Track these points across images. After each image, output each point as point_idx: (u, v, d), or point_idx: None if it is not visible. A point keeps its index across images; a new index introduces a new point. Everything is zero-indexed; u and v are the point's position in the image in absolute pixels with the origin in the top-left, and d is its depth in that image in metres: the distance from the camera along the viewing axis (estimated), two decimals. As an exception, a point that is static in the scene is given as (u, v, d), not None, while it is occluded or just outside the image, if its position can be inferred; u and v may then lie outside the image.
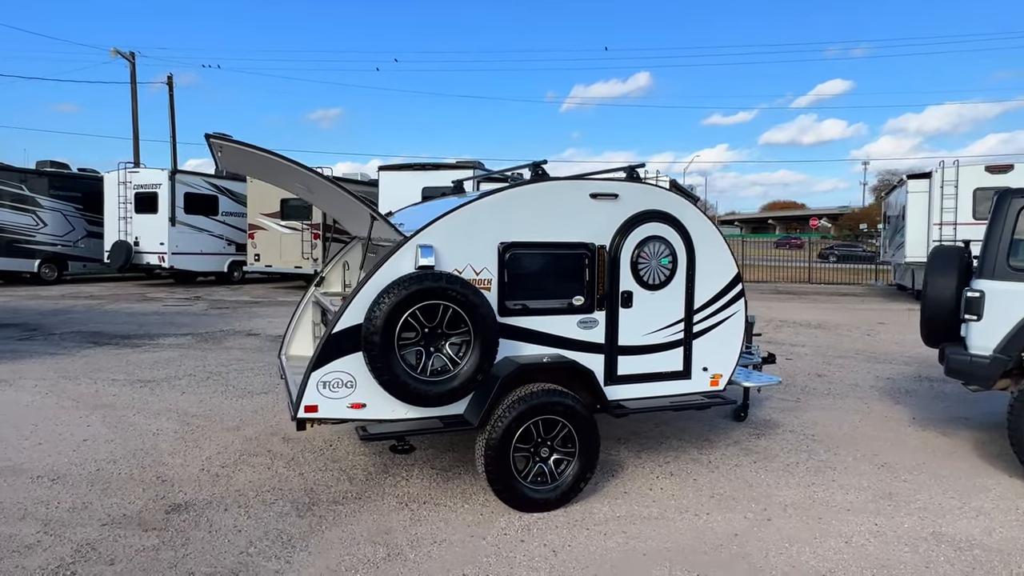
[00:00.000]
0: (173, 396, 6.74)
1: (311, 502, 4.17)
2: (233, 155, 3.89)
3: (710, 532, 3.85)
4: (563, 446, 4.10)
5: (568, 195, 4.30)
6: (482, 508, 4.10)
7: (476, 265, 4.08)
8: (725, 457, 5.12)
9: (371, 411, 3.91)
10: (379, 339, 3.64)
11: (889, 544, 3.74)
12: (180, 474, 4.63)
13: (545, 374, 4.15)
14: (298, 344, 5.66)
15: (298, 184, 4.61)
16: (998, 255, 4.82)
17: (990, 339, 4.82)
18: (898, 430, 5.93)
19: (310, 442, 5.31)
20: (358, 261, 5.68)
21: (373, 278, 3.82)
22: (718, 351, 4.80)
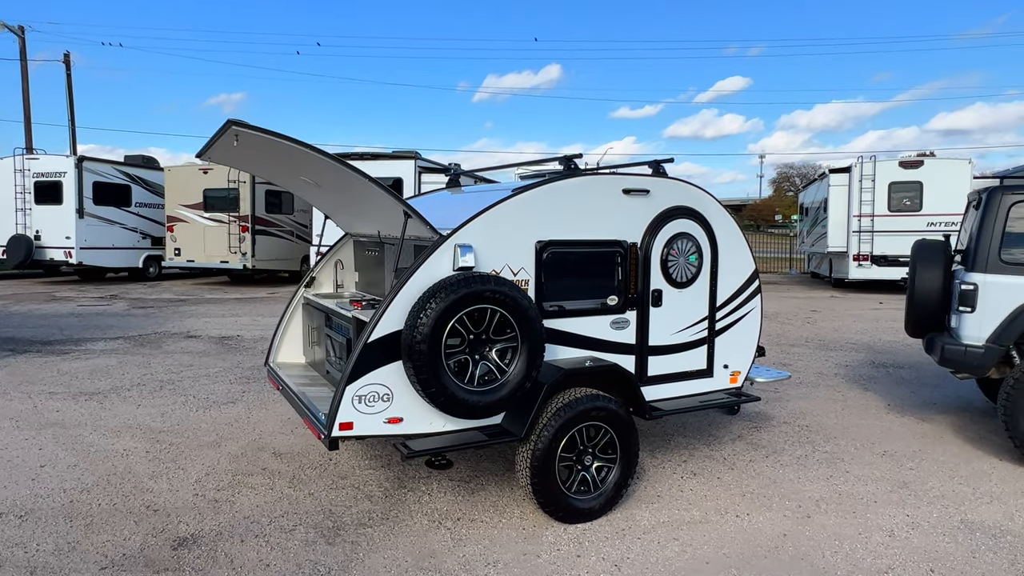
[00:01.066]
0: (128, 410, 6.08)
1: (335, 526, 3.82)
2: (247, 146, 3.45)
3: (759, 534, 3.81)
4: (604, 452, 3.94)
5: (602, 190, 4.12)
6: (521, 522, 3.89)
7: (513, 265, 3.84)
8: (736, 453, 5.13)
9: (408, 425, 3.61)
10: (427, 347, 3.34)
11: (928, 535, 3.81)
12: (172, 501, 4.14)
13: (585, 378, 3.97)
14: (287, 351, 5.21)
15: (304, 179, 4.19)
16: (990, 249, 5.04)
17: (983, 330, 5.04)
18: (880, 417, 6.15)
19: (306, 456, 4.91)
20: (352, 260, 5.29)
21: (411, 280, 3.51)
22: (738, 348, 4.78)
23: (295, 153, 3.42)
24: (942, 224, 16.31)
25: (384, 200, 3.68)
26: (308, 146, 3.28)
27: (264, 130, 3.17)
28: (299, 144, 3.26)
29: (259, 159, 3.98)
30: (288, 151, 3.40)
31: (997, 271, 5.00)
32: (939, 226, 16.32)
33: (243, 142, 3.35)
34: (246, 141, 3.34)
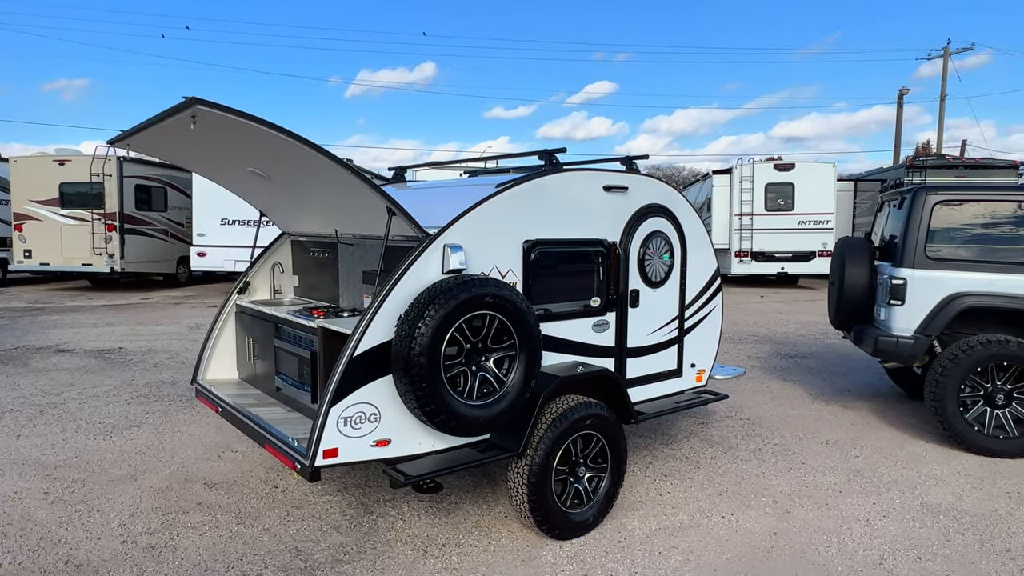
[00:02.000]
0: (6, 441, 5.14)
1: (308, 566, 3.36)
2: (207, 129, 2.91)
3: (750, 534, 3.78)
4: (595, 462, 3.76)
5: (585, 187, 3.93)
6: (512, 543, 3.62)
7: (502, 266, 3.56)
8: (696, 451, 5.13)
9: (397, 447, 3.23)
10: (426, 360, 2.99)
11: (900, 522, 3.96)
12: (96, 553, 3.47)
13: (578, 385, 3.77)
14: (218, 366, 4.59)
15: (254, 170, 3.64)
16: (917, 246, 5.38)
17: (912, 321, 5.37)
18: (808, 407, 6.44)
19: (245, 485, 4.34)
20: (290, 263, 4.75)
21: (399, 286, 3.14)
22: (703, 346, 4.78)
23: (264, 139, 2.94)
24: (812, 222, 17.71)
25: (362, 195, 3.26)
26: (287, 132, 2.81)
27: (235, 111, 2.68)
28: (276, 129, 2.79)
29: (206, 146, 3.41)
30: (258, 136, 2.91)
31: (923, 266, 5.35)
32: (809, 224, 17.70)
33: (203, 124, 2.82)
34: (208, 122, 2.81)
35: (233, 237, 14.51)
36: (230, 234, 14.51)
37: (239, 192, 4.45)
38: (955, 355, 5.14)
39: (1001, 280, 5.18)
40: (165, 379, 7.20)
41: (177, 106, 2.75)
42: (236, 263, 14.59)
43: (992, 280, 5.21)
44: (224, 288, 16.77)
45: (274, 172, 3.60)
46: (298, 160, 3.16)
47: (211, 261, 14.65)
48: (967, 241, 5.32)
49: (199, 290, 16.30)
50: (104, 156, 14.76)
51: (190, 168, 4.21)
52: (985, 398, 5.12)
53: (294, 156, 3.10)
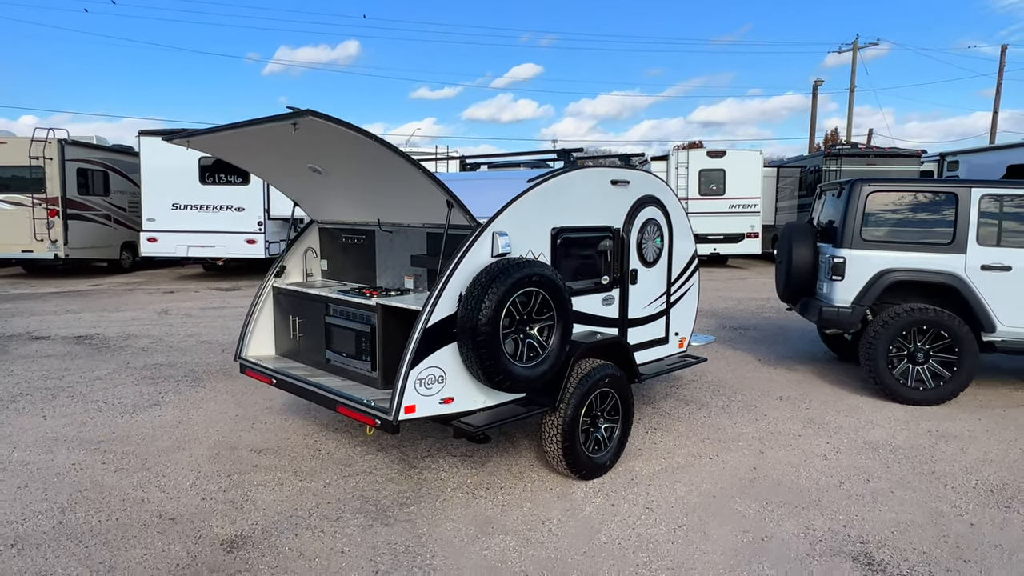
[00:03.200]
0: (34, 422, 5.37)
1: (379, 510, 3.91)
2: (310, 134, 3.35)
3: (736, 469, 4.58)
4: (610, 414, 4.45)
5: (597, 181, 4.58)
6: (545, 484, 4.27)
7: (535, 250, 4.17)
8: (675, 408, 5.93)
9: (459, 404, 3.82)
10: (490, 329, 3.58)
11: (850, 455, 4.86)
12: (183, 509, 3.90)
13: (598, 351, 4.44)
14: (257, 343, 5.00)
15: (313, 166, 4.09)
16: (854, 229, 6.32)
17: (849, 294, 6.33)
18: (760, 370, 7.38)
19: (288, 451, 4.81)
20: (325, 248, 5.19)
21: (460, 268, 3.70)
22: (684, 317, 5.55)
23: (352, 144, 3.43)
24: (741, 206, 19.02)
25: (425, 189, 3.79)
26: (383, 141, 3.31)
27: (345, 123, 3.16)
28: (374, 139, 3.29)
29: (276, 147, 3.85)
30: (349, 142, 3.39)
31: (859, 247, 6.30)
32: (739, 207, 19.01)
33: (303, 130, 3.28)
34: (309, 129, 3.28)
35: (186, 222, 14.41)
36: (182, 219, 14.39)
37: (274, 182, 4.86)
38: (884, 321, 6.13)
39: (920, 258, 6.19)
40: (160, 362, 7.43)
41: (285, 115, 3.20)
42: (190, 248, 14.52)
43: (913, 258, 6.21)
44: (174, 274, 16.55)
45: (334, 168, 4.07)
46: (371, 160, 3.66)
47: (162, 247, 14.49)
48: (894, 225, 6.31)
49: (146, 276, 16.03)
50: (44, 139, 14.27)
51: (230, 160, 4.57)
52: (908, 357, 6.14)
53: (371, 157, 3.60)
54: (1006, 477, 4.49)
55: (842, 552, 3.50)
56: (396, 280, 4.68)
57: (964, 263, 6.07)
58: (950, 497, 4.18)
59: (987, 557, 3.47)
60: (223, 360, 7.50)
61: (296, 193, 4.90)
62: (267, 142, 3.82)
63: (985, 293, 6.03)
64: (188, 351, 7.97)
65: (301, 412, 5.62)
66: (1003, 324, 6.06)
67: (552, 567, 3.32)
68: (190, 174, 14.31)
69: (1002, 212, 6.08)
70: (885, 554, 3.48)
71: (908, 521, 3.85)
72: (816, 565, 3.37)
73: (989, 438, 5.25)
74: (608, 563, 3.36)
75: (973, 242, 6.07)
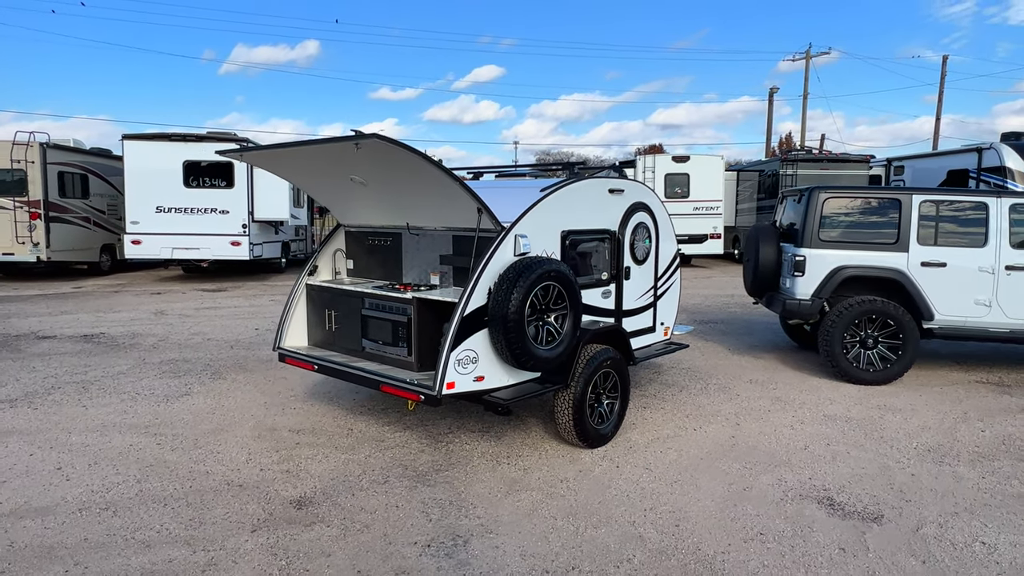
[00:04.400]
0: (77, 412, 5.81)
1: (419, 475, 4.53)
2: (368, 154, 3.95)
3: (717, 438, 5.32)
4: (611, 392, 5.15)
5: (598, 190, 5.28)
6: (557, 452, 4.94)
7: (549, 250, 4.84)
8: (659, 390, 6.67)
9: (488, 382, 4.46)
10: (517, 316, 4.24)
11: (812, 425, 5.66)
12: (247, 478, 4.46)
13: (601, 336, 5.13)
14: (293, 335, 5.55)
15: (355, 178, 4.69)
16: (813, 231, 7.16)
17: (809, 288, 7.17)
18: (731, 358, 8.19)
19: (323, 431, 5.37)
20: (351, 249, 5.76)
21: (489, 265, 4.35)
22: (668, 309, 6.29)
23: (404, 161, 4.04)
24: (704, 208, 20.01)
25: (459, 198, 4.42)
26: (435, 162, 3.94)
27: (406, 145, 3.78)
28: (427, 159, 3.92)
29: (327, 162, 4.44)
30: (402, 160, 4.01)
31: (818, 246, 7.15)
32: (702, 210, 20.00)
33: (364, 150, 3.88)
34: (370, 149, 3.88)
35: (170, 225, 14.66)
36: (167, 222, 14.65)
37: (309, 190, 5.42)
38: (840, 312, 6.98)
39: (869, 256, 7.06)
40: (175, 357, 7.86)
41: (350, 137, 3.80)
42: (174, 250, 14.78)
43: (863, 256, 7.08)
44: (155, 276, 16.73)
45: (375, 179, 4.67)
46: (414, 173, 4.28)
47: (147, 249, 14.71)
48: (847, 227, 7.17)
49: (127, 278, 16.19)
50: (26, 143, 14.37)
51: (274, 172, 5.12)
52: (860, 343, 7.01)
53: (415, 171, 4.22)
54: (940, 440, 5.34)
55: (809, 497, 4.26)
56: (422, 277, 5.30)
57: (907, 260, 6.96)
58: (895, 455, 4.99)
59: (924, 497, 4.27)
60: (235, 355, 7.98)
61: (328, 199, 5.48)
62: (321, 158, 4.40)
63: (924, 286, 6.93)
64: (198, 348, 8.41)
65: (325, 399, 6.18)
66: (940, 313, 6.96)
67: (575, 513, 3.99)
68: (174, 177, 14.58)
69: (938, 215, 6.99)
70: (844, 497, 4.25)
71: (861, 473, 4.64)
72: (789, 506, 4.12)
73: (928, 410, 6.12)
74: (620, 509, 4.05)
75: (914, 242, 6.97)
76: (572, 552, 3.55)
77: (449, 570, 3.36)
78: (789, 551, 3.59)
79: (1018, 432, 5.54)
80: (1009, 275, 6.85)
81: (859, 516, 4.00)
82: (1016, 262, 6.84)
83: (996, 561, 3.51)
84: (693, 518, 3.95)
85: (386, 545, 3.60)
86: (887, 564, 3.47)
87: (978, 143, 14.75)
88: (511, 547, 3.59)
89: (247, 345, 8.57)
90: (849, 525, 3.89)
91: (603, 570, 3.38)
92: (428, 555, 3.50)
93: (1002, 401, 6.44)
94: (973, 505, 4.17)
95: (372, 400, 6.10)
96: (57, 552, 3.48)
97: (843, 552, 3.58)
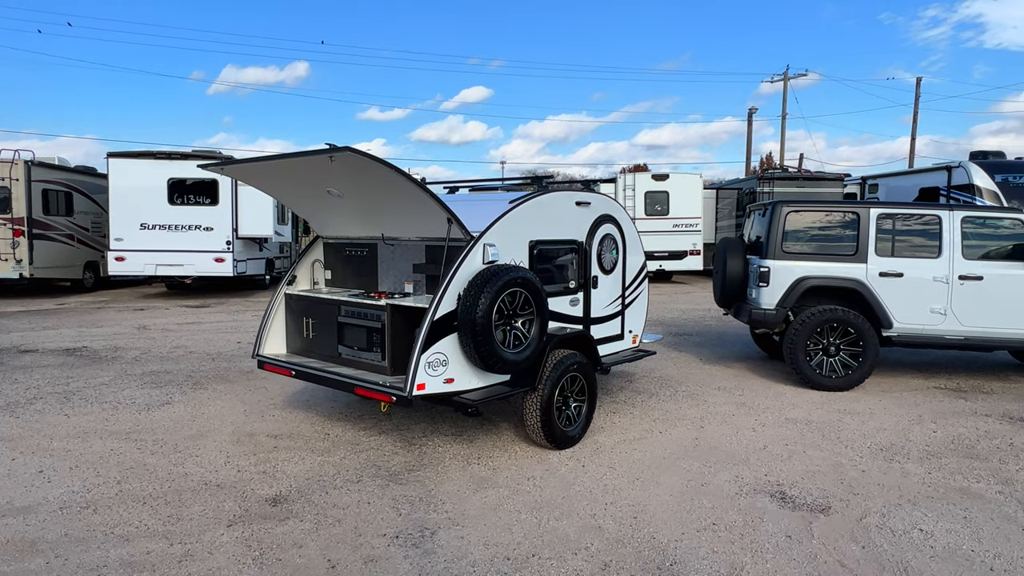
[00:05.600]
0: (58, 420, 5.93)
1: (391, 474, 4.70)
2: (343, 167, 4.17)
3: (681, 440, 5.54)
4: (579, 395, 5.36)
5: (565, 203, 5.53)
6: (525, 453, 5.13)
7: (517, 259, 5.07)
8: (630, 397, 6.89)
9: (458, 384, 4.66)
10: (485, 321, 4.45)
11: (773, 428, 5.89)
12: (225, 478, 4.61)
13: (568, 342, 5.35)
14: (272, 343, 5.73)
15: (332, 190, 4.91)
16: (777, 243, 7.46)
17: (774, 298, 7.45)
18: (702, 368, 8.44)
19: (299, 436, 5.53)
20: (329, 260, 5.96)
21: (458, 272, 4.57)
22: (636, 317, 6.53)
23: (377, 174, 4.27)
24: (684, 225, 20.39)
25: (430, 210, 4.65)
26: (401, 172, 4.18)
27: (377, 158, 4.01)
28: (397, 171, 4.15)
29: (305, 176, 4.65)
30: (375, 172, 4.24)
31: (781, 258, 7.44)
32: (682, 227, 20.37)
33: (338, 163, 4.11)
34: (343, 162, 4.11)
35: (154, 241, 14.78)
36: (151, 239, 14.76)
37: (289, 202, 5.62)
38: (803, 321, 7.26)
39: (831, 267, 7.36)
40: (156, 369, 7.99)
41: (324, 150, 4.03)
42: (158, 267, 14.89)
43: (824, 267, 7.37)
44: (138, 293, 16.78)
45: (350, 192, 4.89)
46: (386, 186, 4.51)
47: (131, 266, 14.81)
48: (809, 240, 7.47)
49: (110, 295, 16.24)
50: (11, 160, 14.49)
51: (255, 186, 5.33)
52: (823, 350, 7.28)
53: (387, 183, 4.45)
54: (894, 440, 5.59)
55: (763, 492, 4.48)
56: (397, 286, 5.51)
57: (866, 271, 7.27)
58: (849, 454, 5.23)
59: (870, 491, 4.50)
60: (216, 367, 8.12)
61: (307, 211, 5.69)
62: (299, 171, 4.62)
63: (883, 296, 7.23)
64: (179, 360, 8.54)
65: (303, 406, 6.35)
66: (898, 321, 7.26)
67: (539, 507, 4.18)
68: (159, 194, 14.73)
69: (895, 228, 7.32)
70: (795, 491, 4.48)
71: (815, 470, 4.87)
72: (743, 500, 4.34)
73: (885, 414, 6.38)
74: (583, 503, 4.25)
75: (872, 253, 7.28)
76: (533, 541, 3.74)
77: (416, 558, 3.54)
78: (739, 539, 3.80)
79: (968, 433, 5.80)
80: (962, 284, 7.17)
81: (808, 508, 4.22)
82: (969, 272, 7.16)
83: (931, 546, 3.74)
84: (651, 511, 4.15)
85: (356, 537, 3.77)
86: (829, 549, 3.68)
87: (948, 161, 15.23)
88: (475, 537, 3.77)
89: (228, 358, 8.71)
90: (798, 516, 4.11)
91: (561, 557, 3.57)
92: (396, 545, 3.68)
93: (957, 405, 6.71)
94: (916, 497, 4.41)
95: (349, 407, 6.27)
96: (38, 546, 3.62)
97: (789, 539, 3.80)
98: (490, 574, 3.39)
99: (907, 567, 3.50)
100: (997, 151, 15.19)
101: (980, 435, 5.73)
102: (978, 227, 7.28)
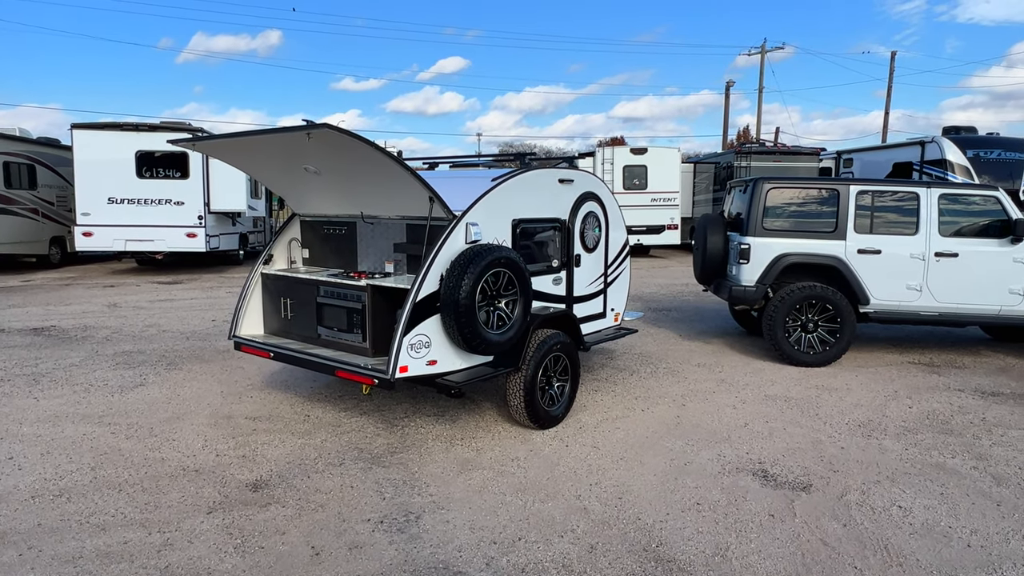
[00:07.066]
0: (27, 404, 5.77)
1: (373, 457, 4.65)
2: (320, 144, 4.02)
3: (663, 417, 5.56)
4: (562, 375, 5.34)
5: (549, 180, 5.44)
6: (508, 433, 5.11)
7: (500, 238, 4.99)
8: (611, 375, 6.90)
9: (441, 366, 4.60)
10: (470, 302, 4.38)
11: (753, 404, 5.95)
12: (203, 463, 4.52)
13: (551, 321, 5.30)
14: (249, 324, 5.60)
15: (309, 167, 4.76)
16: (757, 220, 7.46)
17: (754, 275, 7.47)
18: (681, 344, 8.48)
19: (279, 418, 5.44)
20: (307, 238, 5.82)
21: (441, 252, 4.48)
22: (618, 295, 6.50)
23: (354, 150, 4.14)
24: (662, 199, 20.40)
25: (411, 187, 4.53)
26: (380, 149, 4.05)
27: (355, 134, 3.87)
28: (375, 147, 4.02)
29: (280, 152, 4.50)
30: (352, 149, 4.11)
31: (762, 235, 7.45)
32: (660, 201, 20.38)
33: (315, 140, 3.97)
34: (321, 139, 3.97)
35: (123, 216, 14.39)
36: (119, 213, 14.37)
37: (264, 179, 5.46)
38: (782, 297, 7.30)
39: (810, 244, 7.39)
40: (129, 349, 7.80)
41: (301, 127, 3.89)
42: (127, 243, 14.52)
43: (804, 244, 7.41)
44: (107, 269, 16.37)
45: (328, 169, 4.75)
46: (366, 163, 4.38)
47: (99, 241, 14.41)
48: (790, 217, 7.49)
49: (79, 271, 15.82)
50: (-32, 132, 13.93)
51: (229, 163, 5.15)
52: (801, 327, 7.34)
53: (366, 161, 4.32)
54: (871, 416, 5.67)
55: (745, 470, 4.51)
56: (377, 265, 5.40)
57: (844, 248, 7.31)
58: (828, 431, 5.30)
59: (850, 468, 4.56)
60: (191, 346, 7.95)
61: (283, 189, 5.53)
62: (274, 148, 4.47)
63: (861, 272, 7.29)
64: (152, 339, 8.35)
65: (282, 387, 6.25)
66: (875, 298, 7.34)
67: (524, 489, 4.17)
68: (126, 167, 14.30)
69: (873, 205, 7.36)
70: (777, 469, 4.52)
71: (795, 447, 4.93)
72: (726, 478, 4.37)
73: (862, 389, 6.47)
74: (567, 484, 4.24)
75: (851, 230, 7.32)
76: (519, 524, 3.72)
77: (401, 544, 3.50)
78: (723, 518, 3.83)
79: (942, 408, 5.91)
80: (938, 261, 7.25)
81: (789, 486, 4.27)
82: (945, 249, 7.25)
83: (910, 523, 3.80)
84: (636, 491, 4.17)
85: (340, 523, 3.72)
86: (811, 527, 3.73)
87: (921, 136, 15.37)
88: (461, 521, 3.75)
89: (203, 336, 8.54)
90: (780, 494, 4.15)
91: (548, 539, 3.56)
92: (381, 530, 3.64)
93: (930, 380, 6.84)
94: (895, 474, 4.48)
95: (329, 388, 6.19)
96: (10, 537, 3.52)
97: (772, 518, 3.83)
98: (477, 559, 3.37)
99: (887, 545, 3.56)
100: (969, 126, 15.37)
101: (954, 410, 5.84)
102: (954, 204, 7.35)
